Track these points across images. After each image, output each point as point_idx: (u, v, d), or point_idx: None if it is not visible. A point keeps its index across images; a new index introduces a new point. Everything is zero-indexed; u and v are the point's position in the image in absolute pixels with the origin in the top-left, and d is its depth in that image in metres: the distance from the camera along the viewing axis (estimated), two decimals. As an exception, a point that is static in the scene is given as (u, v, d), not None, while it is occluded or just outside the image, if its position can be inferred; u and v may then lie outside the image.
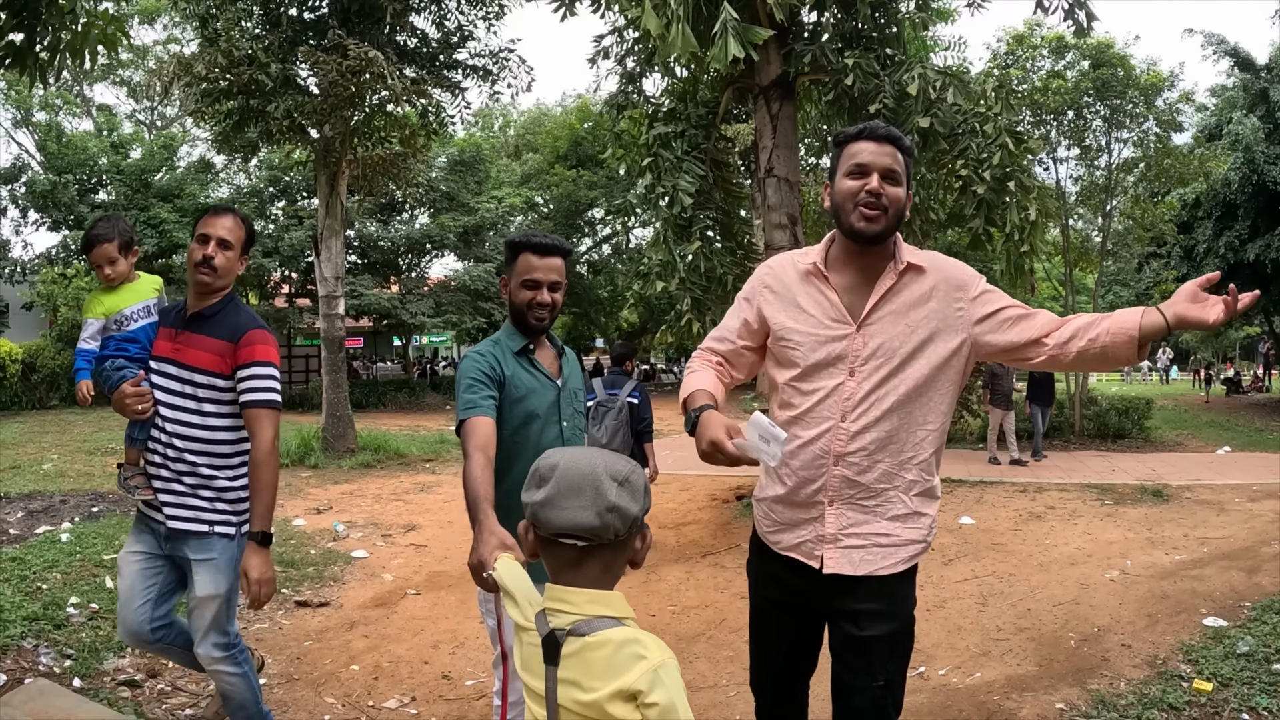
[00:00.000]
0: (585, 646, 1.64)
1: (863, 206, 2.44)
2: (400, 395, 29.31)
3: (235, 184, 29.87)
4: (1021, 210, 8.89)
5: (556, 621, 1.68)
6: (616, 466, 1.70)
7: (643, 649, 1.63)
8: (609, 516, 1.64)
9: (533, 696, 1.73)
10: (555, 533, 1.67)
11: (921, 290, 2.51)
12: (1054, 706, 4.38)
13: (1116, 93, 17.49)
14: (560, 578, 1.72)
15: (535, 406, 3.09)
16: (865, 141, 2.49)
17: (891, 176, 2.45)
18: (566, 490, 1.66)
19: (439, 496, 11.40)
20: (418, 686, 4.95)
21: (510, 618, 1.86)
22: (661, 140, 10.08)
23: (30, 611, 5.67)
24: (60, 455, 13.68)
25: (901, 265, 2.51)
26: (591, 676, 1.62)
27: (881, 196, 2.43)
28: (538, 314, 3.11)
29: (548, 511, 1.67)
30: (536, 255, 3.11)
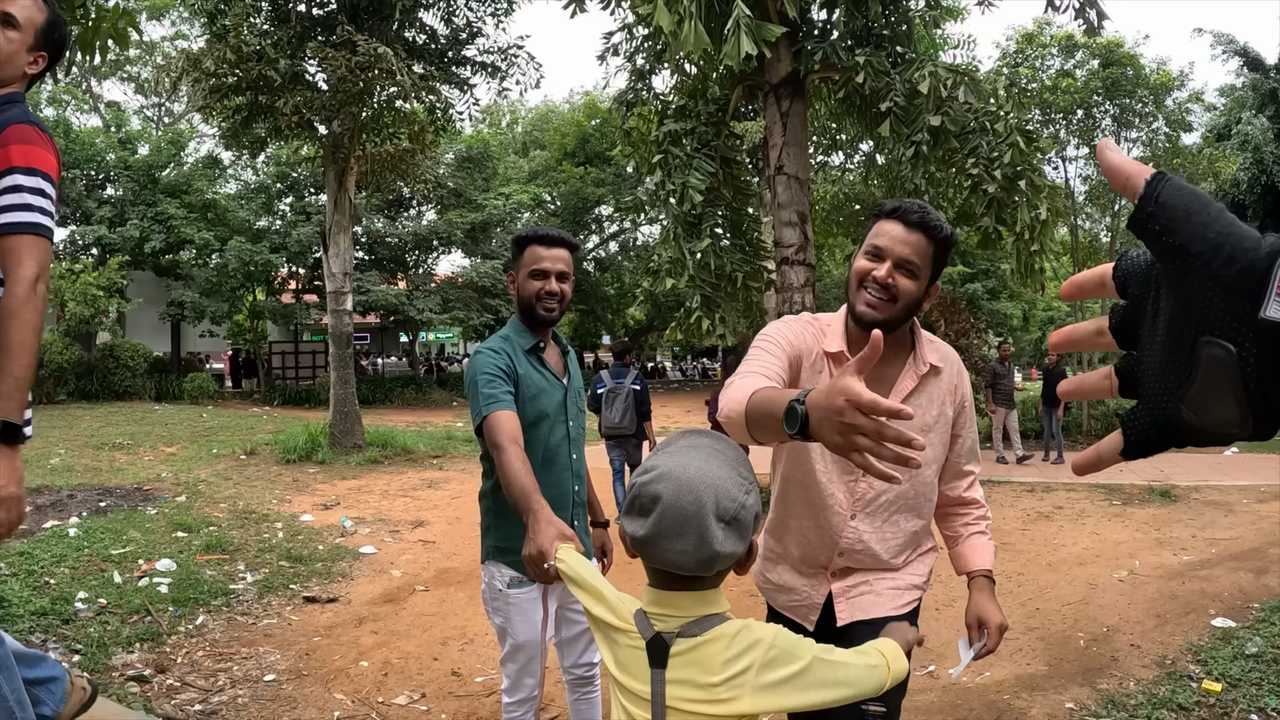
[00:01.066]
0: (699, 644, 1.62)
1: (868, 291, 2.28)
2: (407, 392, 29.33)
3: (243, 180, 29.91)
4: (1032, 209, 8.88)
5: (664, 625, 1.64)
6: (727, 502, 1.58)
7: (753, 633, 1.63)
8: (711, 564, 1.57)
9: (631, 698, 1.69)
10: (653, 565, 1.64)
11: (938, 393, 2.44)
12: (1064, 706, 4.37)
13: (1126, 92, 17.47)
14: (662, 585, 1.67)
15: (545, 406, 3.07)
16: (893, 223, 2.28)
17: (907, 267, 2.25)
18: (669, 532, 1.56)
19: (446, 493, 11.40)
20: (427, 683, 4.95)
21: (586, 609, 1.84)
22: (671, 137, 10.07)
23: (38, 606, 5.69)
24: (67, 450, 13.70)
25: (924, 368, 2.40)
26: (709, 672, 1.60)
27: (891, 288, 2.25)
28: (547, 304, 3.07)
29: (647, 548, 1.60)
30: (543, 246, 3.08)
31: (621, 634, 1.71)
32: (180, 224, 24.85)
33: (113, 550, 7.52)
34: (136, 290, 25.31)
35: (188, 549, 7.79)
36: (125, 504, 9.71)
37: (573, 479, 3.13)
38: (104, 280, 21.64)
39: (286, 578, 7.10)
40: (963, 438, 2.52)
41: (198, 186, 26.38)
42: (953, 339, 15.92)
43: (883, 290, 2.25)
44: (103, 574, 6.80)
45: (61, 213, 25.69)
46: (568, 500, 3.10)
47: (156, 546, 7.79)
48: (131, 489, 10.66)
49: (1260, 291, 0.64)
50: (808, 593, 2.53)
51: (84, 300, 21.03)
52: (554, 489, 3.03)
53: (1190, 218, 0.68)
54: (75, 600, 6.02)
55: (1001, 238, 9.38)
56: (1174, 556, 7.46)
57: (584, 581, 1.92)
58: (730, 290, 9.93)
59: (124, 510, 9.34)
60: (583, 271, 35.68)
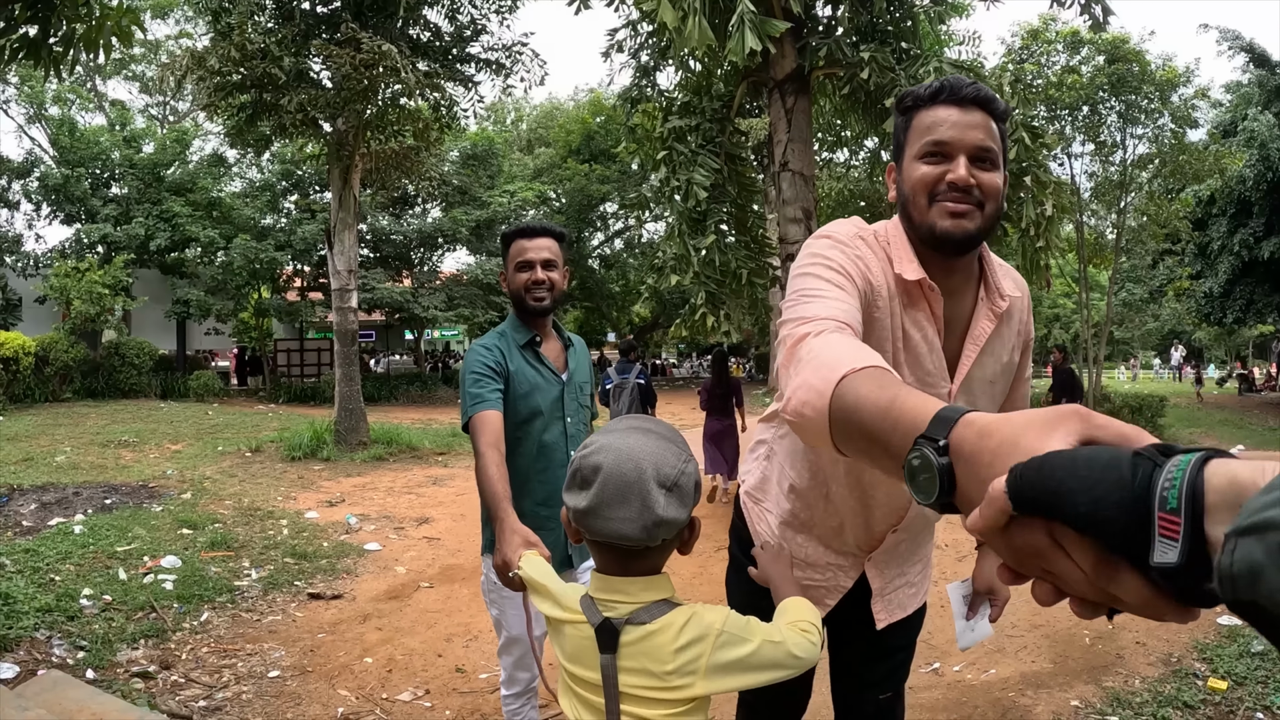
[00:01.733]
0: (649, 634, 1.62)
1: (946, 200, 1.74)
2: (412, 389, 29.36)
3: (248, 178, 29.94)
4: (1037, 205, 8.84)
5: (612, 612, 1.65)
6: (665, 468, 1.58)
7: (703, 620, 1.62)
8: (656, 530, 1.56)
9: (584, 686, 1.69)
10: (600, 539, 1.62)
11: (1010, 332, 2.01)
12: (1069, 704, 4.36)
13: (1131, 88, 17.42)
14: (608, 569, 1.68)
15: (538, 403, 3.07)
16: (945, 108, 1.76)
17: (985, 157, 1.74)
18: (611, 499, 1.56)
19: (451, 490, 11.40)
20: (431, 679, 4.95)
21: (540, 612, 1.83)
22: (676, 134, 10.05)
23: (43, 603, 5.71)
24: (73, 447, 13.73)
25: (1001, 304, 1.91)
26: (660, 661, 1.60)
27: (973, 189, 1.73)
28: (535, 294, 3.08)
29: (590, 520, 1.59)
30: (526, 238, 3.11)
31: (569, 624, 1.71)
32: (185, 222, 24.87)
33: (118, 547, 7.53)
34: (142, 288, 25.33)
35: (193, 546, 7.80)
36: (130, 501, 9.72)
37: None
38: (109, 278, 21.67)
39: (291, 574, 7.11)
40: (1020, 380, 2.11)
41: (203, 184, 26.41)
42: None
43: (965, 195, 1.73)
44: (108, 571, 6.82)
45: (67, 211, 25.75)
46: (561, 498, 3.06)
47: (161, 543, 7.80)
48: (137, 486, 10.67)
49: (1146, 538, 0.66)
50: (834, 574, 2.17)
51: (89, 298, 21.06)
52: (548, 486, 3.07)
53: (1059, 500, 0.71)
54: (80, 597, 6.04)
55: (1006, 234, 9.34)
56: (1180, 553, 7.45)
57: (536, 584, 1.92)
58: (735, 287, 9.90)
59: (129, 507, 9.35)
60: (587, 269, 35.69)
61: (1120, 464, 0.69)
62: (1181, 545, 0.65)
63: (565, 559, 3.13)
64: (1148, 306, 28.09)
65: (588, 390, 3.29)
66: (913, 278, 1.81)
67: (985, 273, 1.93)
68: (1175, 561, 0.65)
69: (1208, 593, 0.66)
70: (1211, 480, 0.65)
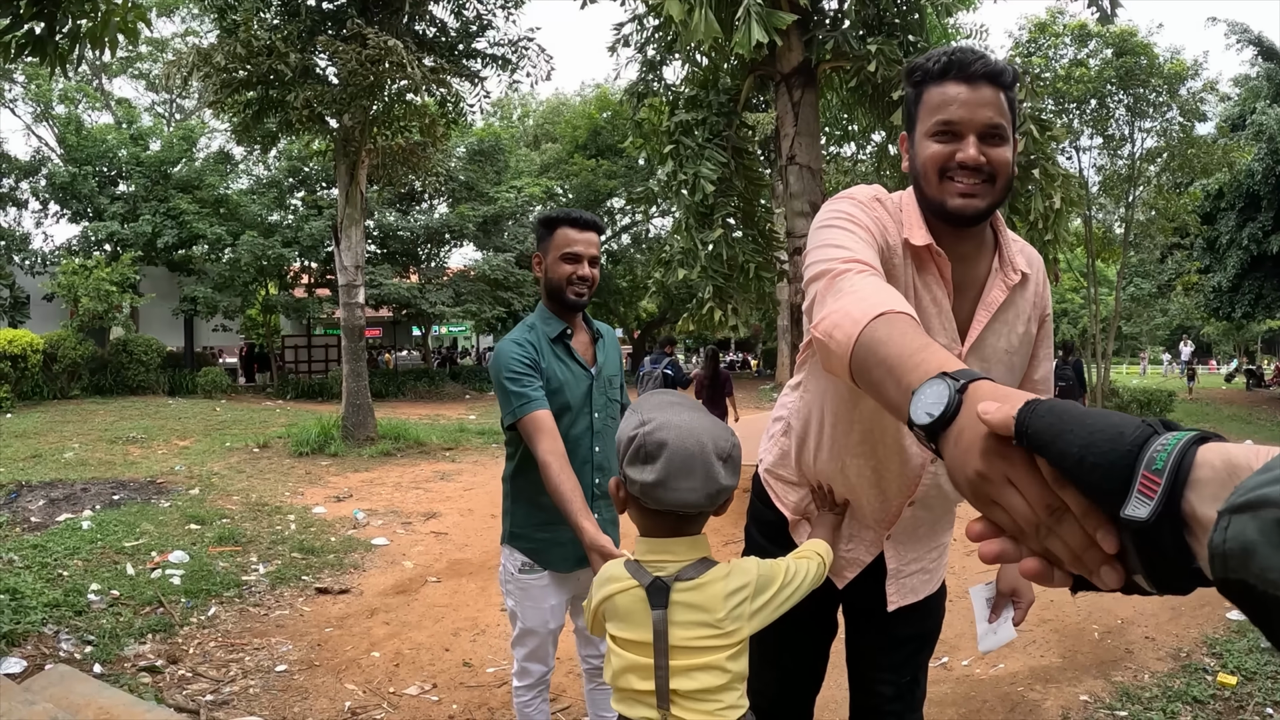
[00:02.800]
0: (699, 586, 1.79)
1: (957, 180, 1.78)
2: (420, 385, 29.36)
3: (255, 175, 29.97)
4: (1046, 198, 8.83)
5: (662, 571, 1.81)
6: (721, 442, 1.75)
7: (744, 570, 1.85)
8: (717, 498, 1.75)
9: (631, 646, 1.84)
10: (665, 508, 1.75)
11: (1025, 305, 2.02)
12: (1078, 698, 4.35)
13: (1140, 81, 17.38)
14: (656, 532, 1.84)
15: (568, 399, 2.99)
16: (954, 85, 1.76)
17: (995, 134, 1.75)
18: (677, 472, 1.70)
19: (459, 485, 11.41)
20: (439, 674, 4.95)
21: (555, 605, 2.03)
22: (683, 127, 10.04)
23: (51, 598, 5.72)
24: (81, 444, 13.75)
25: (1015, 277, 1.94)
26: (713, 610, 1.78)
27: (983, 166, 1.76)
28: (577, 289, 2.98)
29: (658, 492, 1.72)
30: (575, 229, 2.98)
31: (619, 593, 1.85)
32: (193, 219, 24.89)
33: (126, 543, 7.55)
34: (149, 285, 25.38)
35: (200, 541, 7.81)
36: (138, 497, 9.73)
37: (593, 471, 3.05)
38: (117, 276, 21.71)
39: (299, 569, 7.11)
40: (1039, 358, 2.11)
41: (210, 182, 26.44)
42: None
43: (976, 173, 1.77)
44: (116, 566, 6.83)
45: (74, 209, 25.80)
46: (586, 494, 2.96)
47: (169, 539, 7.82)
48: (145, 482, 10.69)
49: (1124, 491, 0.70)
50: (855, 548, 2.18)
51: (97, 296, 21.10)
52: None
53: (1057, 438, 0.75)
54: (88, 592, 6.05)
55: (1015, 228, 9.32)
56: (1190, 548, 7.41)
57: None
58: (743, 281, 9.89)
59: (137, 503, 9.37)
60: (594, 263, 35.63)
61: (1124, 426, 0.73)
62: (1155, 504, 0.68)
63: (582, 558, 3.00)
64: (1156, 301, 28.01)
65: (617, 383, 3.22)
66: (920, 243, 1.86)
67: (1000, 244, 1.96)
68: (1144, 517, 0.69)
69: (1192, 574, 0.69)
70: (1205, 456, 0.69)
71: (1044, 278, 2.07)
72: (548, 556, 3.09)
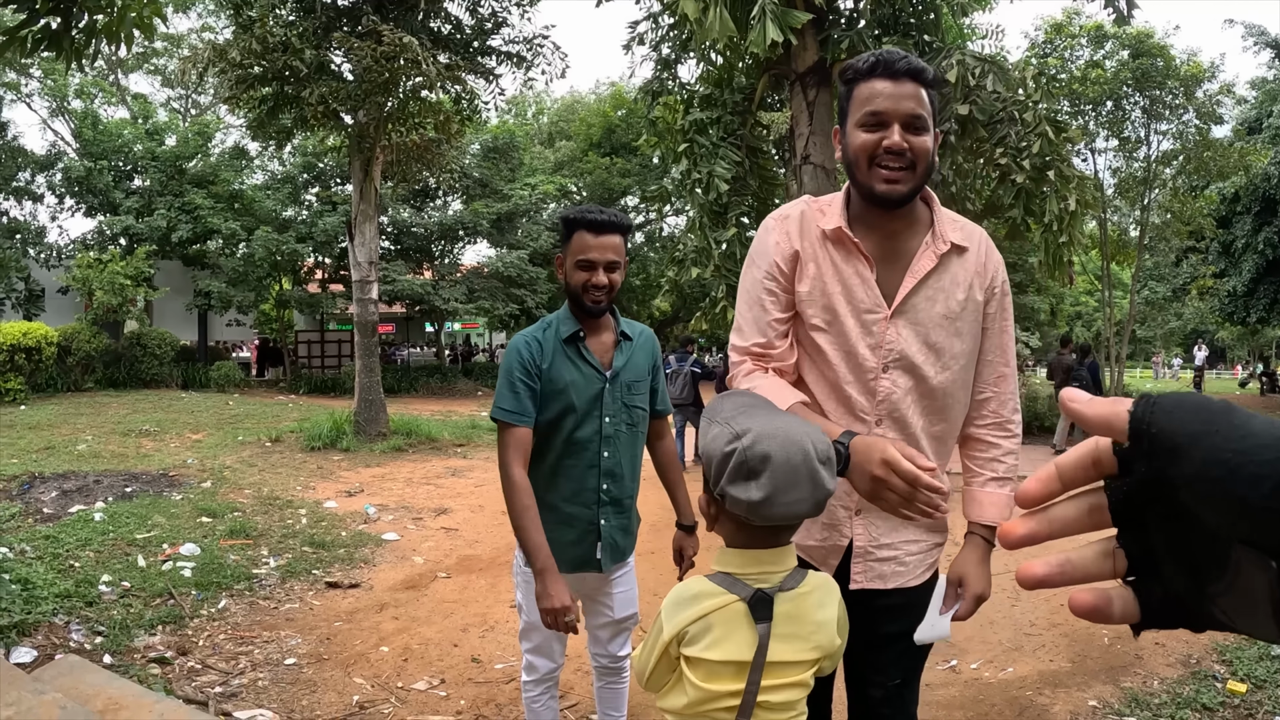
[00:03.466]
0: (798, 597, 1.76)
1: (881, 167, 1.99)
2: (432, 381, 29.42)
3: (269, 170, 30.05)
4: (1061, 200, 8.79)
5: (764, 583, 1.74)
6: (820, 445, 1.68)
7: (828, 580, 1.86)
8: (824, 504, 1.69)
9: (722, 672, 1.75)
10: (773, 522, 1.69)
11: (963, 274, 2.14)
12: (1087, 703, 4.33)
13: (1156, 83, 17.31)
14: (755, 544, 1.76)
15: (572, 400, 2.93)
16: (880, 81, 1.99)
17: (916, 124, 1.98)
18: (784, 486, 1.62)
19: (470, 481, 11.43)
20: (447, 669, 4.95)
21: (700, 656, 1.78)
22: (697, 126, 10.04)
23: (62, 589, 5.75)
24: (95, 436, 13.82)
25: (944, 246, 2.10)
26: (806, 622, 1.76)
27: (905, 152, 1.98)
28: (593, 296, 2.90)
29: (765, 509, 1.64)
30: (592, 233, 2.89)
31: (714, 610, 1.74)
32: (207, 214, 24.99)
33: (137, 535, 7.58)
34: (164, 279, 25.47)
35: (212, 534, 7.85)
36: (151, 489, 9.78)
37: (600, 476, 3.00)
38: (131, 269, 21.79)
39: (309, 563, 7.14)
40: (991, 330, 2.21)
41: (224, 177, 26.53)
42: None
43: (898, 158, 1.98)
44: (127, 558, 6.87)
45: (90, 203, 25.92)
46: (591, 498, 3.00)
47: (181, 531, 7.85)
48: (157, 475, 10.73)
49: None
50: (829, 534, 2.23)
51: (112, 289, 21.17)
52: (573, 484, 2.99)
53: (1197, 442, 0.55)
54: (99, 583, 6.08)
55: (1030, 229, 9.29)
56: (1201, 554, 7.37)
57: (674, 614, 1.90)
58: (756, 280, 9.89)
59: (149, 495, 9.41)
60: (610, 262, 35.61)
61: None
62: None
63: (592, 560, 3.06)
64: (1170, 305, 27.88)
65: (641, 388, 3.09)
66: (829, 227, 2.11)
67: (934, 220, 2.15)
68: None
69: None
70: None
71: (990, 253, 2.19)
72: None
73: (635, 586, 3.31)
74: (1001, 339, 2.22)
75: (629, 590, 3.26)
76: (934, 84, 2.04)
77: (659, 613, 1.84)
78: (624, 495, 3.08)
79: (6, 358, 18.26)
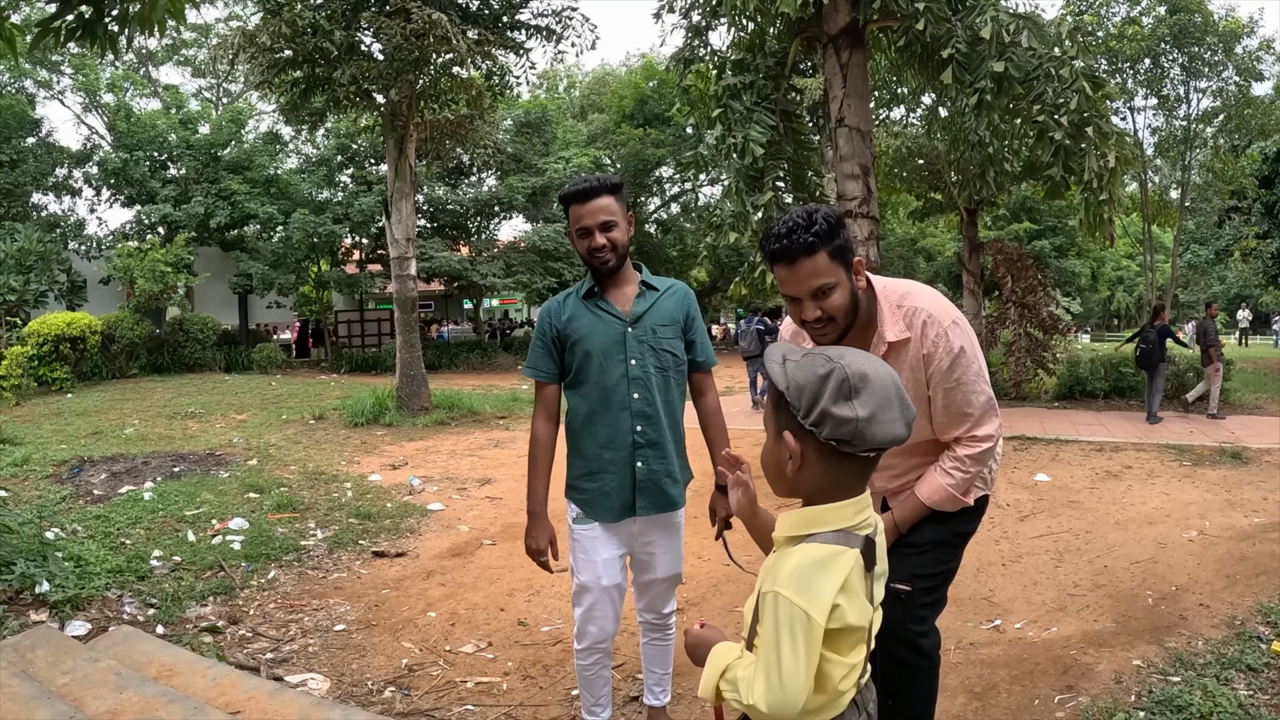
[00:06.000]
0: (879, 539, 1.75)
1: (809, 330, 2.45)
2: (472, 356, 29.61)
3: (304, 153, 30.23)
4: (1100, 157, 8.65)
5: (867, 530, 1.68)
6: (896, 376, 1.68)
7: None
8: (910, 428, 1.64)
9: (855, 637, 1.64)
10: (875, 447, 1.61)
11: (907, 361, 2.57)
12: (1131, 663, 4.29)
13: (1194, 39, 16.97)
14: (854, 490, 1.68)
15: (593, 345, 3.12)
16: (780, 267, 2.38)
17: (823, 291, 2.36)
18: (884, 403, 1.59)
19: (513, 451, 11.49)
20: (494, 632, 5.01)
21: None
22: (730, 91, 9.98)
23: (114, 565, 5.86)
24: (141, 420, 14.02)
25: (882, 348, 2.56)
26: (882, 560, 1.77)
27: (822, 317, 2.39)
28: (599, 257, 3.11)
29: (871, 428, 1.58)
30: (579, 203, 3.13)
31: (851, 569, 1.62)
32: (244, 199, 25.25)
33: (187, 511, 7.70)
34: (203, 265, 25.77)
35: (259, 508, 7.96)
36: (198, 469, 9.92)
37: (633, 419, 3.11)
38: (171, 257, 22.06)
39: (356, 534, 7.22)
40: (935, 396, 2.59)
41: (259, 162, 26.76)
42: (1020, 295, 15.66)
43: (818, 323, 2.40)
44: (177, 534, 6.98)
45: (127, 194, 26.21)
46: (625, 440, 3.11)
47: (229, 507, 7.97)
48: (204, 454, 10.88)
49: None
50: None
51: (153, 277, 21.45)
52: (609, 428, 3.12)
53: None
54: (150, 558, 6.19)
55: (1069, 187, 9.17)
56: (1245, 518, 7.24)
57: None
58: (794, 245, 9.84)
59: (197, 474, 9.55)
60: (644, 234, 35.56)
61: None
62: None
63: (629, 505, 3.15)
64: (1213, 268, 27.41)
65: (669, 334, 3.18)
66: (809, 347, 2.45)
67: (879, 327, 2.57)
68: None
69: None
70: None
71: (926, 332, 2.55)
72: (593, 507, 3.16)
73: (682, 546, 3.35)
74: (950, 398, 2.58)
75: (675, 549, 3.31)
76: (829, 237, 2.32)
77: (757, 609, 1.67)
78: (661, 438, 3.16)
79: (52, 348, 18.57)
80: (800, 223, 2.32)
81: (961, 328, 2.58)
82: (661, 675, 3.54)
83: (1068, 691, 4.01)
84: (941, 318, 2.55)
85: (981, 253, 17.45)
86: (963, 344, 2.54)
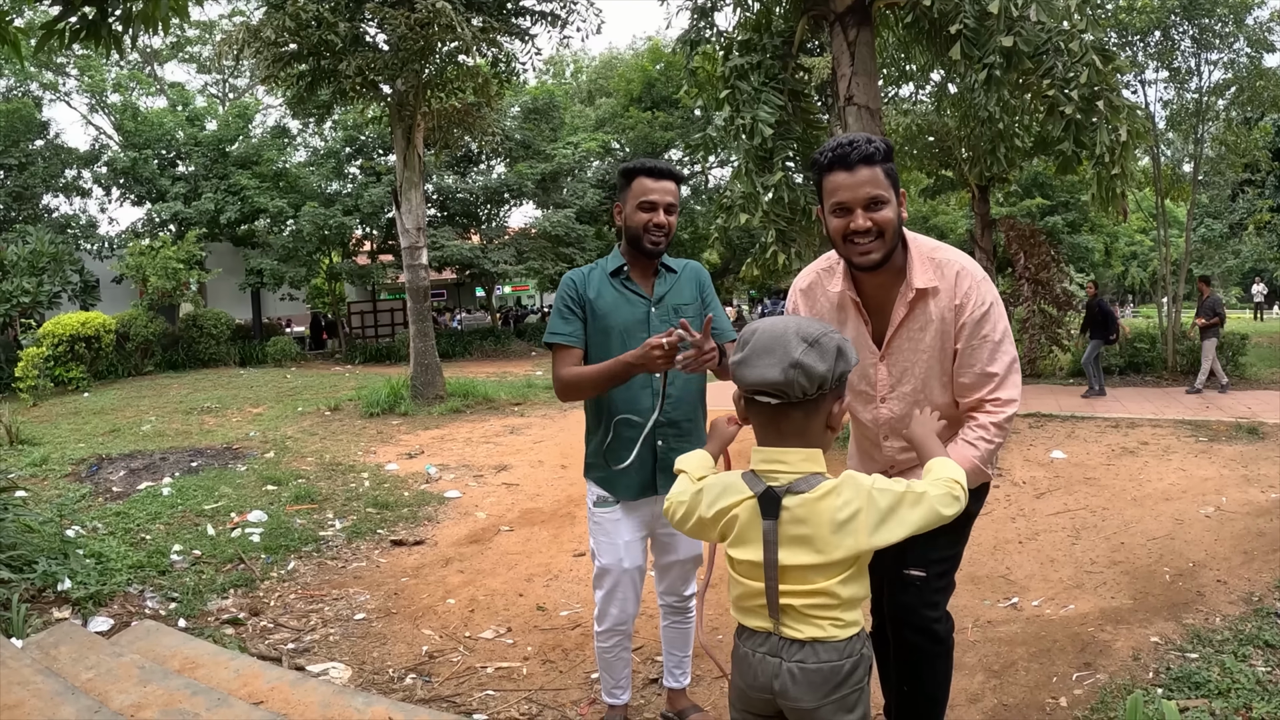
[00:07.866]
0: (810, 500, 1.85)
1: (854, 243, 2.46)
2: (486, 344, 29.63)
3: (312, 146, 30.24)
4: (1111, 130, 8.58)
5: (774, 481, 1.88)
6: (808, 329, 1.86)
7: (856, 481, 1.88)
8: (793, 373, 1.80)
9: (750, 570, 1.92)
10: (749, 389, 1.87)
11: (935, 311, 2.56)
12: (1148, 640, 4.28)
13: (1204, 11, 16.76)
14: (766, 439, 1.92)
15: (616, 322, 3.11)
16: (839, 173, 2.43)
17: (876, 204, 2.41)
18: (759, 350, 1.84)
19: (529, 438, 11.52)
20: (513, 618, 5.04)
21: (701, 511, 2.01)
22: (738, 72, 9.92)
23: (135, 560, 5.90)
24: (158, 417, 14.09)
25: (911, 294, 2.55)
26: (823, 525, 1.84)
27: (871, 230, 2.42)
28: (654, 236, 3.10)
29: (743, 370, 1.86)
30: (652, 178, 3.09)
31: (735, 505, 1.92)
32: (254, 194, 25.25)
33: (205, 505, 7.74)
34: (215, 261, 25.84)
35: (278, 501, 8.00)
36: (216, 463, 9.96)
37: (653, 396, 3.10)
38: (183, 254, 22.13)
39: (374, 523, 7.26)
40: (961, 354, 2.57)
41: (268, 157, 26.73)
42: (1033, 272, 15.59)
43: (866, 235, 2.43)
44: (196, 528, 7.02)
45: (136, 192, 26.26)
46: (647, 417, 3.09)
47: (247, 500, 8.01)
48: (221, 449, 10.93)
49: None
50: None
51: (165, 274, 21.52)
52: (629, 405, 3.11)
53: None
54: (170, 553, 6.23)
55: (1081, 162, 9.08)
56: (1262, 494, 7.19)
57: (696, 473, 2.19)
58: (805, 224, 9.81)
59: (215, 469, 9.60)
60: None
61: None
62: None
63: (650, 483, 3.15)
64: (1228, 242, 27.18)
65: (688, 312, 3.19)
66: (834, 290, 2.67)
67: (907, 272, 2.55)
68: None
69: None
70: None
71: (960, 282, 2.54)
72: (615, 485, 3.16)
73: None
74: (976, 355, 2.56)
75: None
76: (888, 157, 2.44)
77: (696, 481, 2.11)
78: (681, 417, 3.17)
79: (67, 347, 18.64)
80: (860, 137, 2.42)
81: (991, 286, 2.61)
82: (682, 658, 3.56)
83: (1085, 669, 4.01)
84: (974, 271, 2.58)
85: (993, 230, 17.37)
86: (993, 300, 2.57)
